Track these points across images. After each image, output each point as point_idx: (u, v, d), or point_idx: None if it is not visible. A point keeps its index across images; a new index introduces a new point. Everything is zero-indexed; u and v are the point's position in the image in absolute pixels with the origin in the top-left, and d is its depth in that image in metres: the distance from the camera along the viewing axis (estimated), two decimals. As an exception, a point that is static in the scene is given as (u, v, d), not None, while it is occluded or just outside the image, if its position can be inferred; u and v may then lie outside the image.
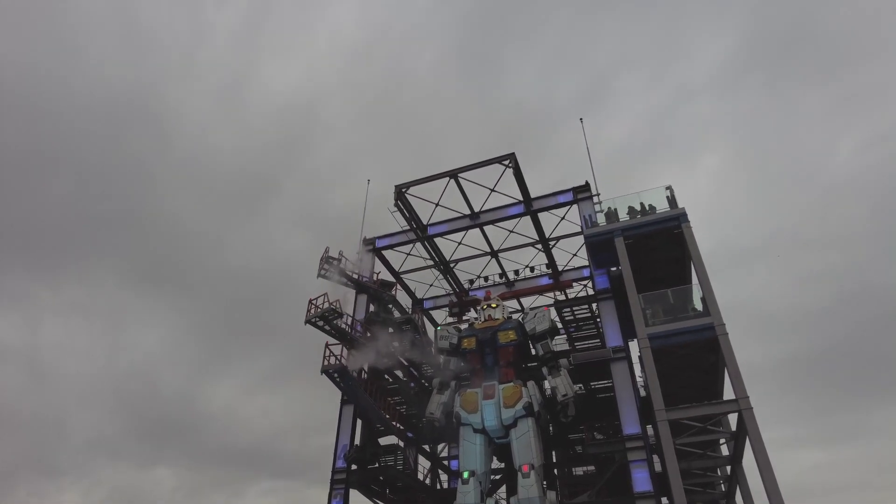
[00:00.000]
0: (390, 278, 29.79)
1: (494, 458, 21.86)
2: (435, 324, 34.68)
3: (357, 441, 24.23)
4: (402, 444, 26.07)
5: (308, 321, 22.14)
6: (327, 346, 20.33)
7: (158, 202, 71.58)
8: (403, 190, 25.94)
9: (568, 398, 20.00)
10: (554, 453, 29.32)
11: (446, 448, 32.66)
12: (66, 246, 67.63)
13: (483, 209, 28.21)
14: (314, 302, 22.73)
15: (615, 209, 23.53)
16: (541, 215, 27.25)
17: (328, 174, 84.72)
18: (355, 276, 26.15)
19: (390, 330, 26.05)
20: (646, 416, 23.26)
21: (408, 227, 27.12)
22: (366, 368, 24.50)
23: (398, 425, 26.42)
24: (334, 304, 22.53)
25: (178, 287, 71.22)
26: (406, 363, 28.11)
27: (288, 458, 66.81)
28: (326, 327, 22.75)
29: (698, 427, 19.05)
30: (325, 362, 19.99)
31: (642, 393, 25.29)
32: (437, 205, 28.02)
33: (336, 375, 20.19)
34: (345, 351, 20.63)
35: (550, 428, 26.35)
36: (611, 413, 23.87)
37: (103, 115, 70.27)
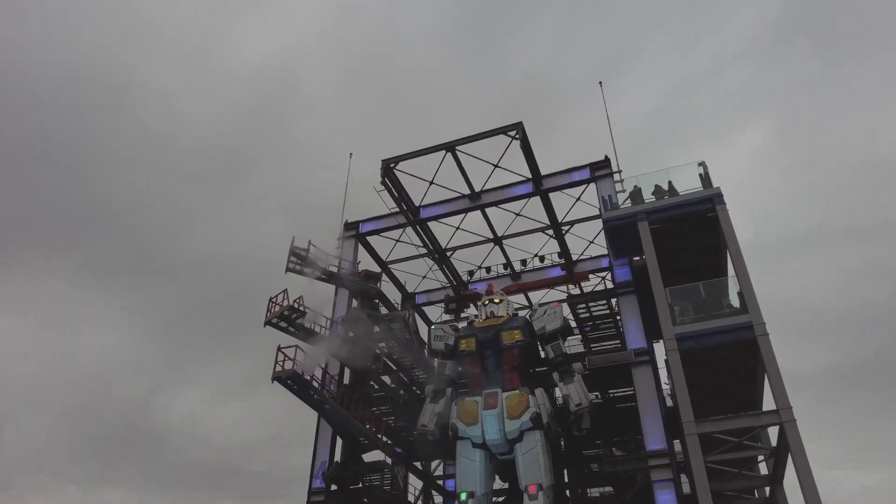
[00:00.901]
0: (377, 269, 29.62)
1: (497, 478, 21.76)
2: (428, 322, 34.63)
3: (338, 457, 24.12)
4: (389, 460, 26.01)
5: (267, 322, 22.02)
6: (280, 349, 20.18)
7: (114, 184, 71.20)
8: (392, 165, 25.66)
9: (582, 408, 19.87)
10: (566, 472, 29.24)
11: (441, 466, 32.65)
12: (3, 235, 67.19)
13: (485, 188, 28.02)
14: (274, 300, 22.56)
15: (639, 188, 23.33)
16: (552, 196, 27.09)
17: (308, 151, 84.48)
18: (333, 269, 25.90)
19: (376, 329, 25.88)
20: (672, 430, 23.15)
21: (396, 209, 26.91)
22: (330, 372, 24.45)
23: (385, 439, 26.30)
24: (297, 301, 22.31)
25: (137, 281, 71.08)
26: (394, 367, 28.01)
27: (260, 476, 67.07)
28: (291, 329, 22.55)
29: (733, 442, 18.91)
30: (278, 367, 19.85)
31: (668, 403, 25.15)
32: (431, 183, 27.81)
33: (290, 383, 20.02)
34: (301, 353, 20.50)
35: (562, 443, 26.24)
36: (632, 426, 23.75)
37: (50, 85, 69.53)
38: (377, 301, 27.15)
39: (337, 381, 24.79)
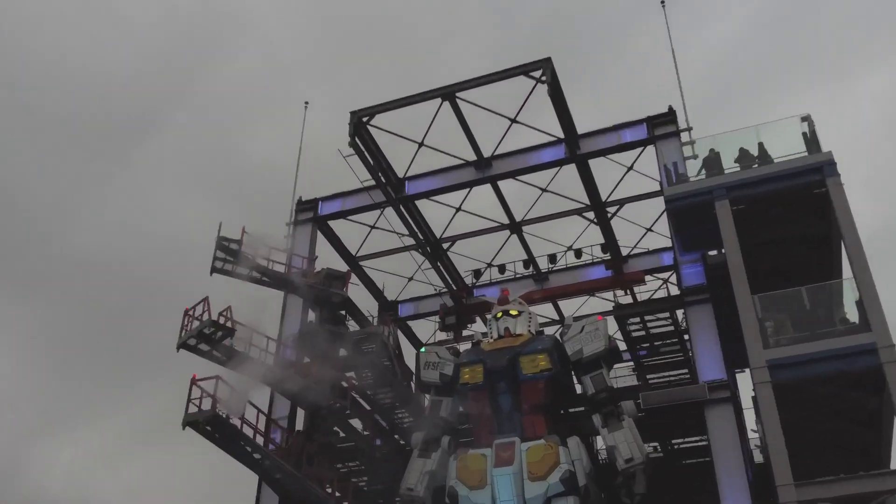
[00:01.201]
0: (344, 267, 29.58)
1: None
2: (417, 343, 34.64)
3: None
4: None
5: (181, 345, 22.03)
6: (194, 382, 20.18)
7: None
8: (366, 119, 25.60)
9: (635, 465, 19.82)
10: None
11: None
12: None
13: (498, 153, 27.95)
14: (192, 313, 22.55)
15: (717, 153, 23.25)
16: (594, 164, 27.08)
17: (245, 99, 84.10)
18: (279, 268, 25.89)
19: (341, 352, 25.83)
20: (763, 496, 22.98)
21: (372, 182, 26.79)
22: (273, 415, 24.54)
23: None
24: (223, 314, 22.31)
25: (6, 289, 70.77)
26: (368, 407, 27.98)
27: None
28: (215, 353, 22.54)
29: (849, 513, 18.87)
30: (193, 408, 19.90)
31: (757, 457, 24.98)
32: (420, 145, 27.79)
33: (210, 430, 20.05)
34: (223, 386, 20.51)
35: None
36: (704, 490, 23.71)
37: None
38: (343, 313, 27.13)
39: (285, 429, 24.80)
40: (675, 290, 28.34)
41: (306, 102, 31.08)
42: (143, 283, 68.96)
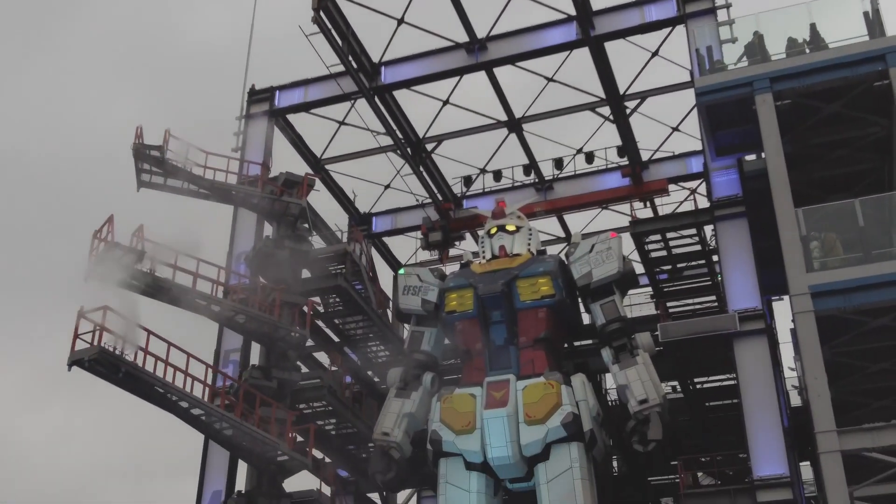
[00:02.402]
0: (308, 172, 29.36)
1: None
2: (395, 263, 34.73)
3: (242, 486, 24.54)
4: (328, 489, 26.43)
5: (91, 276, 21.90)
6: (81, 315, 20.21)
7: None
8: (332, -11, 25.08)
9: (650, 407, 20.12)
10: (620, 510, 29.95)
11: (414, 499, 33.43)
12: None
13: (494, 34, 27.60)
14: (100, 235, 22.48)
15: (760, 37, 22.98)
16: (610, 47, 26.83)
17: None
18: (229, 177, 25.67)
19: (303, 274, 25.88)
20: (799, 445, 23.45)
21: (340, 68, 26.43)
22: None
23: (320, 457, 26.65)
24: (136, 237, 22.31)
25: None
26: (336, 339, 28.19)
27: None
28: (135, 283, 22.56)
29: (896, 465, 19.34)
30: (84, 345, 19.99)
31: (794, 400, 25.43)
32: (400, 22, 27.33)
33: (101, 369, 20.18)
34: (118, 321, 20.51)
35: (615, 464, 26.68)
36: (731, 437, 24.21)
37: None
38: (307, 226, 27.07)
39: (243, 365, 25.07)
40: (703, 203, 28.31)
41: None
42: (63, 191, 68.45)
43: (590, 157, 31.48)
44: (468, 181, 33.10)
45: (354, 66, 26.49)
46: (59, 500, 66.70)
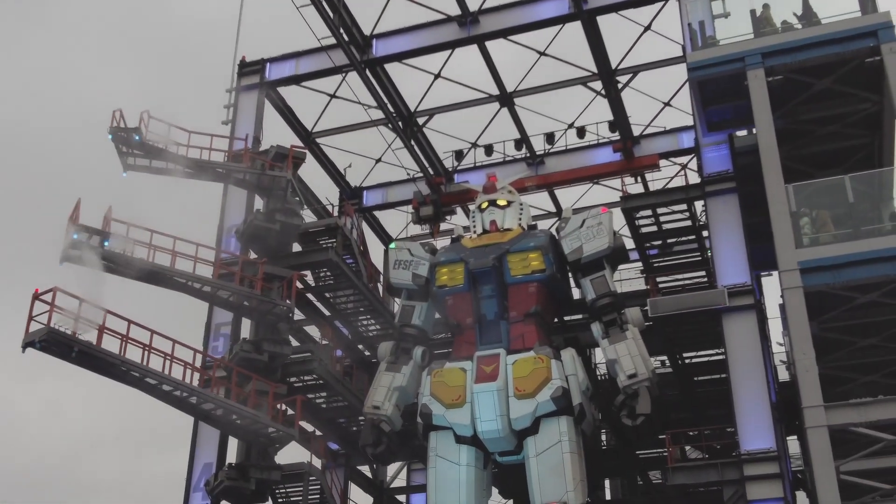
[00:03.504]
0: (300, 146, 29.26)
1: (495, 492, 22.38)
2: (386, 237, 34.71)
3: (232, 458, 24.56)
4: (319, 462, 26.55)
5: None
6: (36, 296, 20.05)
7: None
8: (323, -39, 24.85)
9: (639, 381, 20.17)
10: (608, 484, 30.20)
11: (404, 472, 33.57)
12: None
13: (487, 6, 27.56)
14: (73, 218, 22.50)
15: (752, 12, 22.92)
16: (602, 21, 26.74)
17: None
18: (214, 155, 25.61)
19: (294, 248, 25.84)
20: (786, 420, 23.61)
21: (331, 41, 26.32)
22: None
23: (310, 429, 26.71)
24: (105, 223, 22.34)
25: None
26: (327, 312, 28.18)
27: (103, 491, 68.75)
28: (105, 262, 22.63)
29: (885, 442, 19.45)
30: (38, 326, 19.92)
31: (782, 375, 25.57)
32: (391, -5, 27.13)
33: (55, 349, 20.20)
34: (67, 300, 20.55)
35: (603, 437, 26.85)
36: (719, 412, 24.36)
37: None
38: (298, 199, 26.99)
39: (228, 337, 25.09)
40: (694, 178, 28.33)
41: (249, -61, 29.98)
42: (56, 167, 68.18)
43: (581, 132, 31.41)
44: (459, 155, 33.02)
45: (346, 38, 26.35)
46: (53, 471, 66.98)
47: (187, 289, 23.62)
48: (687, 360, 27.60)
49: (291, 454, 26.05)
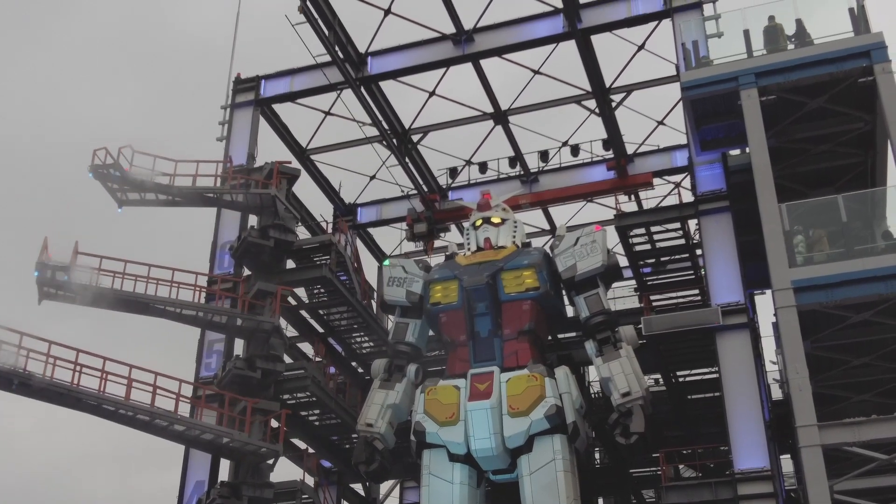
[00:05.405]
0: (283, 161, 29.25)
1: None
2: (380, 254, 34.64)
3: (224, 475, 24.48)
4: (312, 479, 26.51)
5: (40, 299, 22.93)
6: None
7: None
8: (319, -21, 24.96)
9: (632, 400, 20.16)
10: (601, 502, 30.06)
11: (397, 490, 33.41)
12: None
13: (481, 26, 27.55)
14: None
15: (746, 32, 22.93)
16: (597, 40, 26.79)
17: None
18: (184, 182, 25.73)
19: (289, 263, 25.80)
20: (780, 439, 23.56)
21: (326, 58, 26.39)
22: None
23: (301, 447, 26.58)
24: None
25: None
26: (320, 330, 28.12)
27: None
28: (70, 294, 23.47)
29: (878, 461, 19.43)
30: None
31: (776, 393, 25.51)
32: (387, 13, 27.27)
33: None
34: None
35: (597, 456, 26.78)
36: (713, 430, 24.29)
37: None
38: (293, 214, 27.00)
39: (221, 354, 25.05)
40: (688, 197, 28.38)
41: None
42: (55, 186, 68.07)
43: (575, 150, 31.40)
44: (454, 173, 32.99)
45: (341, 56, 26.38)
46: (46, 489, 66.58)
47: (168, 314, 23.83)
48: (681, 379, 27.54)
49: (284, 472, 25.96)
